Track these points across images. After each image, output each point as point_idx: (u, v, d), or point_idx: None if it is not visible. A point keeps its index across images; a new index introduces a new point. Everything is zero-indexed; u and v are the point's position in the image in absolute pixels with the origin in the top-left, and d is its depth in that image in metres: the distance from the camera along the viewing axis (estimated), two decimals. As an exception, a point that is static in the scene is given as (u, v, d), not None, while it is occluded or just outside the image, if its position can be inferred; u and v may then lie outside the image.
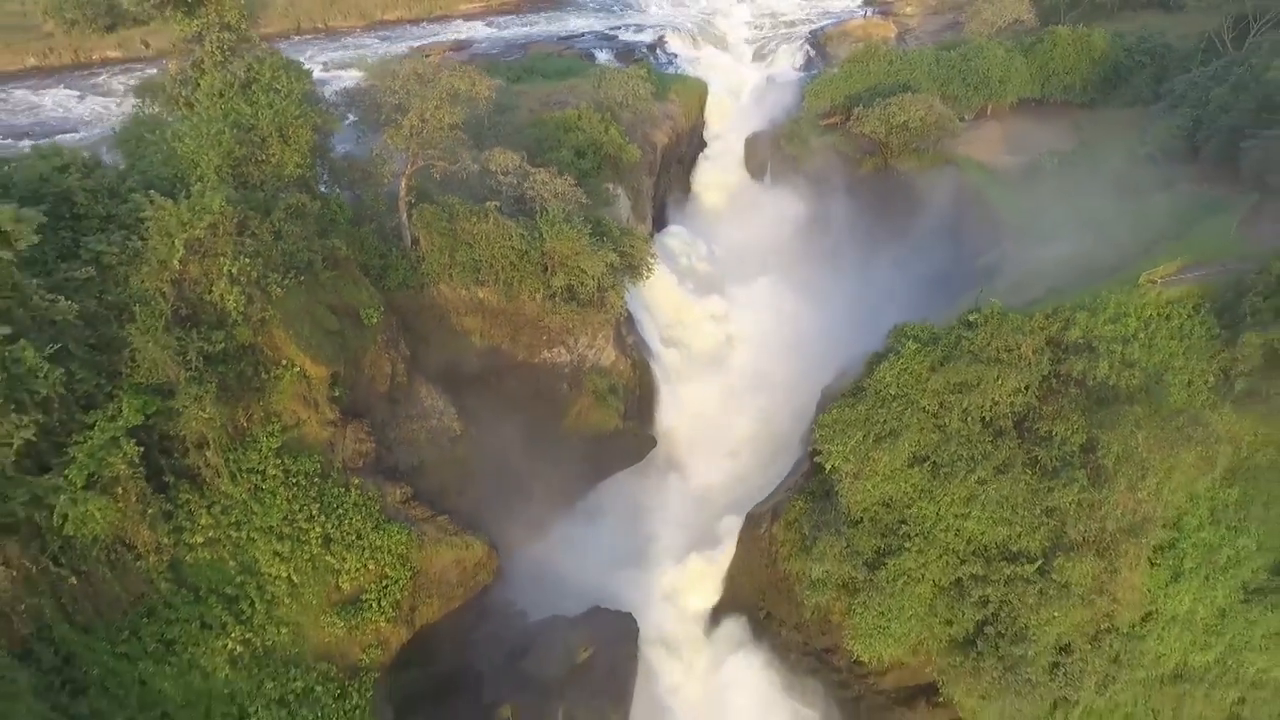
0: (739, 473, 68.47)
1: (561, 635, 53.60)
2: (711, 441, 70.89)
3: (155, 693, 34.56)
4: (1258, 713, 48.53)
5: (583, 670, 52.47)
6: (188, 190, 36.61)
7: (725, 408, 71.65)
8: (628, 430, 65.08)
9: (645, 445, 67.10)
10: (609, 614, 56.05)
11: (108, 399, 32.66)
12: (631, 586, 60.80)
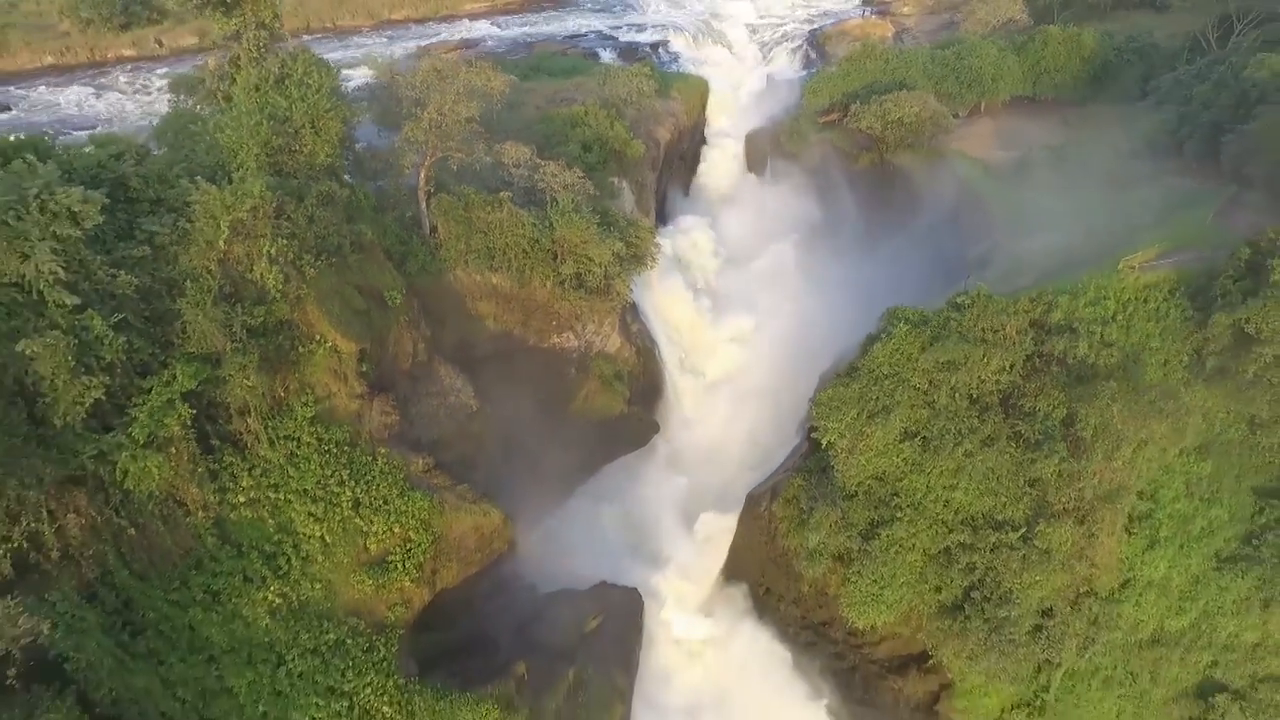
0: (740, 456, 71.75)
1: (570, 606, 56.80)
2: (713, 426, 73.94)
3: (203, 638, 38.23)
4: (1229, 674, 52.32)
5: (591, 638, 55.66)
6: (229, 177, 40.36)
7: (727, 393, 74.57)
8: (632, 415, 68.52)
9: (649, 430, 70.43)
10: (615, 589, 59.21)
11: (161, 366, 36.38)
12: (636, 564, 64.15)
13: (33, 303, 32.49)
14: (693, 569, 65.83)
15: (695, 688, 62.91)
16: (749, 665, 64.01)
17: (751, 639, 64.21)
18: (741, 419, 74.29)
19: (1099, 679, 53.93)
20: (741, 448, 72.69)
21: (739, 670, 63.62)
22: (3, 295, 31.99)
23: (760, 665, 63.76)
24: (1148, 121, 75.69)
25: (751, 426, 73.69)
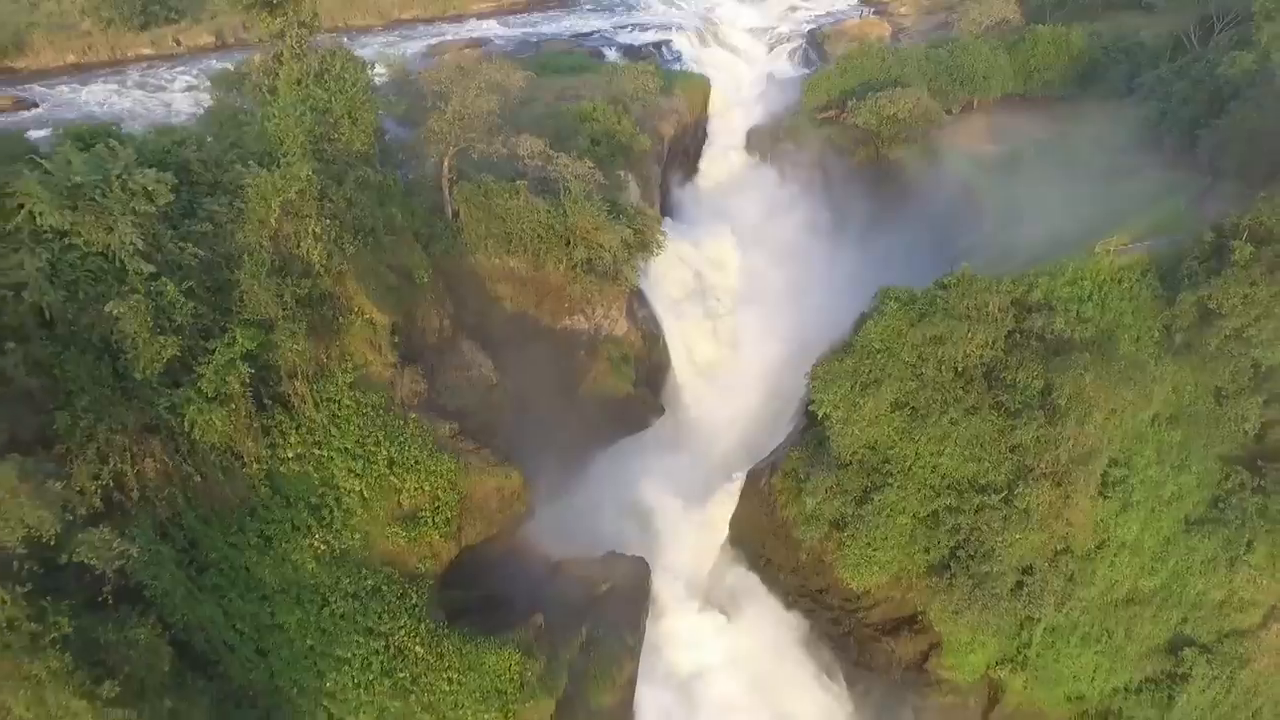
0: (743, 437, 76.75)
1: (582, 571, 61.71)
2: (716, 409, 79.14)
3: (257, 578, 43.49)
4: (1197, 630, 57.44)
5: (602, 600, 60.53)
6: (277, 162, 45.66)
7: (731, 377, 79.78)
8: (639, 397, 73.62)
9: (654, 412, 75.56)
10: (624, 558, 64.10)
11: (222, 331, 41.64)
12: (644, 536, 68.69)
13: (116, 270, 37.66)
14: (697, 541, 70.54)
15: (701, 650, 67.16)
16: (752, 632, 68.21)
17: (754, 607, 68.51)
18: (743, 401, 79.09)
19: (1077, 635, 58.64)
20: (743, 429, 77.50)
21: (743, 636, 67.96)
22: (91, 263, 37.08)
23: (763, 632, 68.05)
24: (1132, 117, 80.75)
25: (753, 408, 78.53)
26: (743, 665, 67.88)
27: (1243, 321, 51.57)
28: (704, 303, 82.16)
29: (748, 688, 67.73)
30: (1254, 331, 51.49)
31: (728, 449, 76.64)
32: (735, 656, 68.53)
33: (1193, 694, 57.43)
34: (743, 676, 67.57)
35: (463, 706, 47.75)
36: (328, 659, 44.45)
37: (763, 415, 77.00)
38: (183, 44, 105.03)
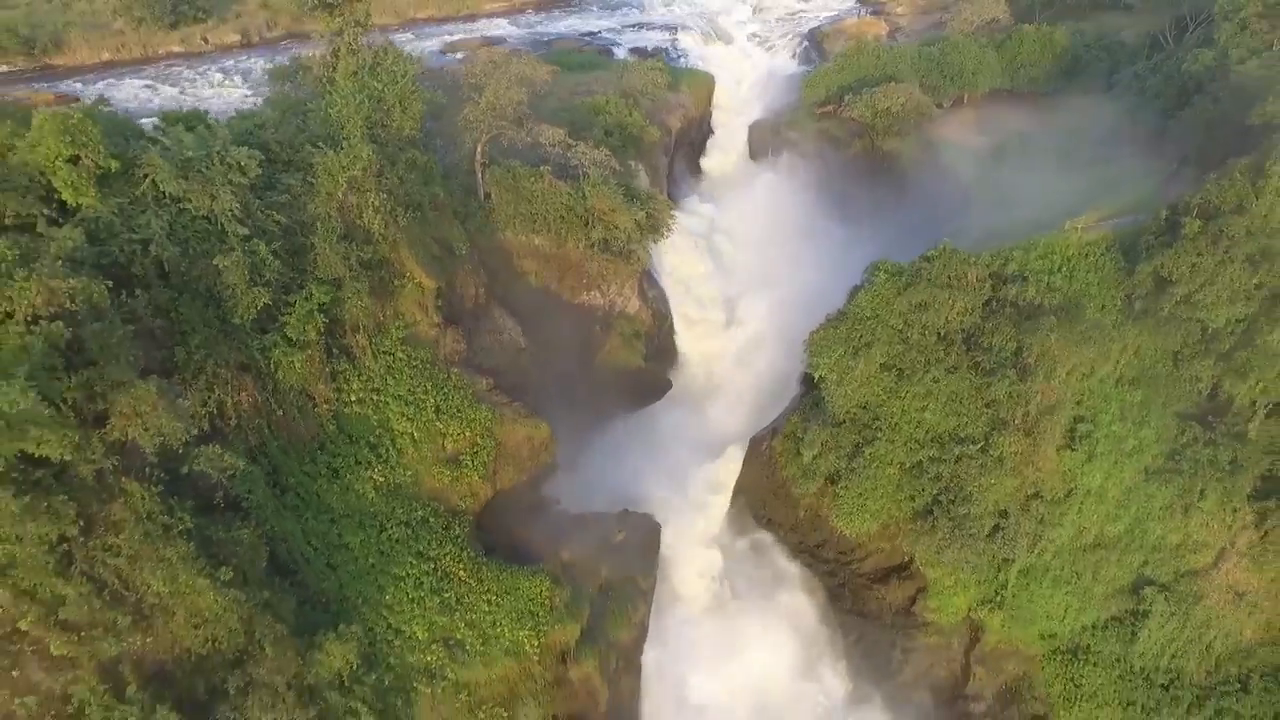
0: (745, 409, 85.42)
1: (599, 524, 69.91)
2: (722, 383, 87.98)
3: (327, 503, 52.32)
4: (1157, 571, 65.92)
5: (618, 549, 68.79)
6: (339, 144, 54.62)
7: (734, 355, 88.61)
8: (649, 371, 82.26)
9: (663, 386, 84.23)
10: (636, 515, 72.33)
11: (300, 287, 50.53)
12: (652, 497, 76.69)
13: (217, 232, 46.52)
14: (703, 504, 79.13)
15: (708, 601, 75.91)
16: (754, 584, 76.99)
17: (755, 562, 77.26)
18: (745, 376, 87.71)
19: (1049, 578, 67.13)
20: (746, 401, 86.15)
21: (745, 585, 76.76)
22: (198, 225, 45.94)
23: (763, 584, 76.82)
24: (1110, 110, 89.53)
25: (755, 383, 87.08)
26: (746, 617, 75.15)
27: (1191, 288, 60.21)
28: (709, 285, 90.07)
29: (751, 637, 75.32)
30: (1200, 296, 60.08)
31: (731, 420, 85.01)
32: (739, 609, 75.86)
33: (1153, 629, 65.55)
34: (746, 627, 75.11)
35: (500, 625, 56.22)
36: (386, 575, 53.08)
37: (764, 389, 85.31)
38: (210, 42, 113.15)
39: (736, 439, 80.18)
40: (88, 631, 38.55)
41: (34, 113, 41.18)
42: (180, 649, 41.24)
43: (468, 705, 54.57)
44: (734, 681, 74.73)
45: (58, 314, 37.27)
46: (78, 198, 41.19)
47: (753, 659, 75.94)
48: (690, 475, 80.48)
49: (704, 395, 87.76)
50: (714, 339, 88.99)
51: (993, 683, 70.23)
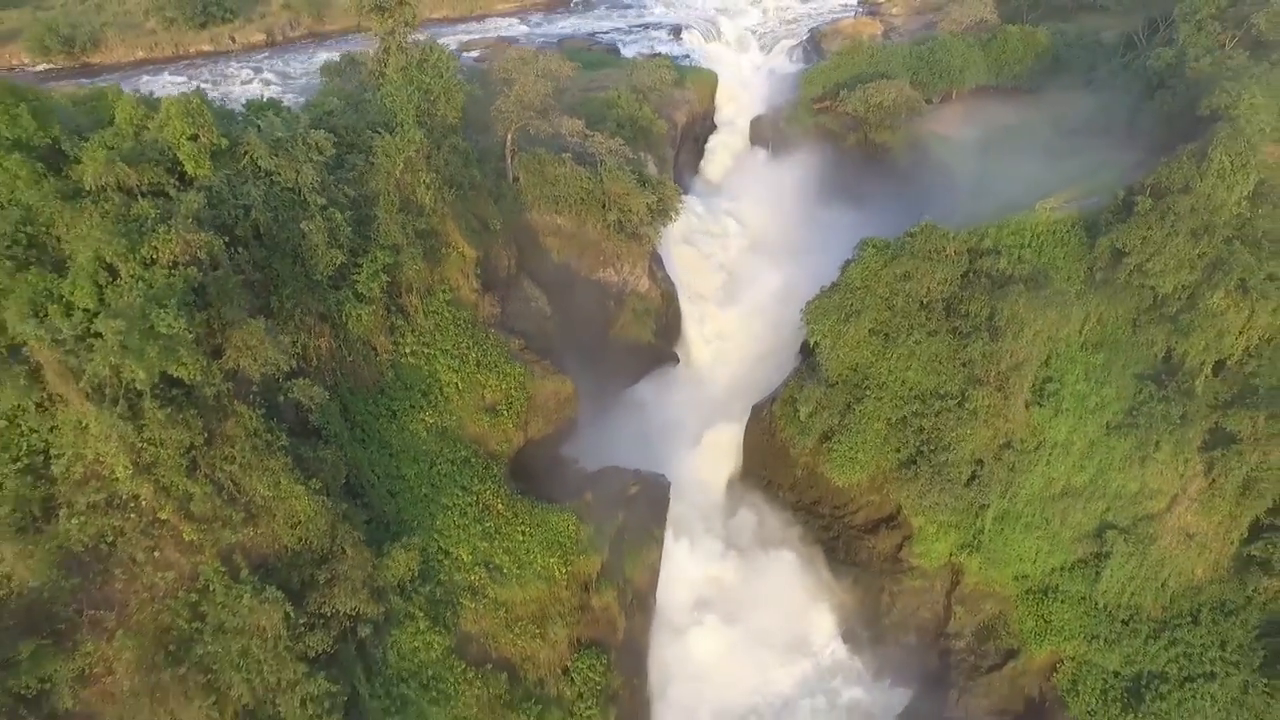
0: (747, 380, 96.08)
1: (614, 477, 79.99)
2: (726, 358, 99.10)
3: (387, 440, 63.23)
4: (1118, 516, 76.17)
5: (632, 500, 78.81)
6: (394, 130, 65.70)
7: (736, 331, 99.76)
8: (658, 345, 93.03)
9: (670, 360, 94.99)
10: (647, 474, 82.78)
11: (365, 251, 61.60)
12: (663, 460, 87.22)
13: (300, 201, 57.44)
14: (710, 466, 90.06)
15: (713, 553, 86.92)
16: (755, 539, 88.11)
17: (757, 519, 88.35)
18: (747, 351, 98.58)
19: (1021, 524, 77.56)
20: (747, 372, 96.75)
21: (747, 540, 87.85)
22: (285, 196, 56.83)
23: (763, 538, 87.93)
24: (1087, 104, 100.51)
25: (755, 357, 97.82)
26: (747, 569, 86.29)
27: (1142, 258, 71.19)
28: (713, 267, 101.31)
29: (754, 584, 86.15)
30: (1150, 265, 71.00)
31: (734, 391, 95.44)
32: (742, 559, 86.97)
33: (1114, 569, 75.68)
34: (750, 575, 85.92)
35: (532, 553, 67.00)
36: (436, 504, 63.96)
37: (765, 362, 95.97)
38: (237, 41, 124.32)
39: (739, 408, 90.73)
40: (210, 524, 49.32)
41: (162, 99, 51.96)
42: (280, 545, 52.02)
43: (505, 621, 64.99)
44: (736, 628, 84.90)
45: (190, 261, 48.09)
46: (196, 169, 52.05)
47: (753, 607, 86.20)
48: (697, 441, 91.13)
49: (708, 369, 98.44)
50: (717, 316, 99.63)
51: (971, 621, 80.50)
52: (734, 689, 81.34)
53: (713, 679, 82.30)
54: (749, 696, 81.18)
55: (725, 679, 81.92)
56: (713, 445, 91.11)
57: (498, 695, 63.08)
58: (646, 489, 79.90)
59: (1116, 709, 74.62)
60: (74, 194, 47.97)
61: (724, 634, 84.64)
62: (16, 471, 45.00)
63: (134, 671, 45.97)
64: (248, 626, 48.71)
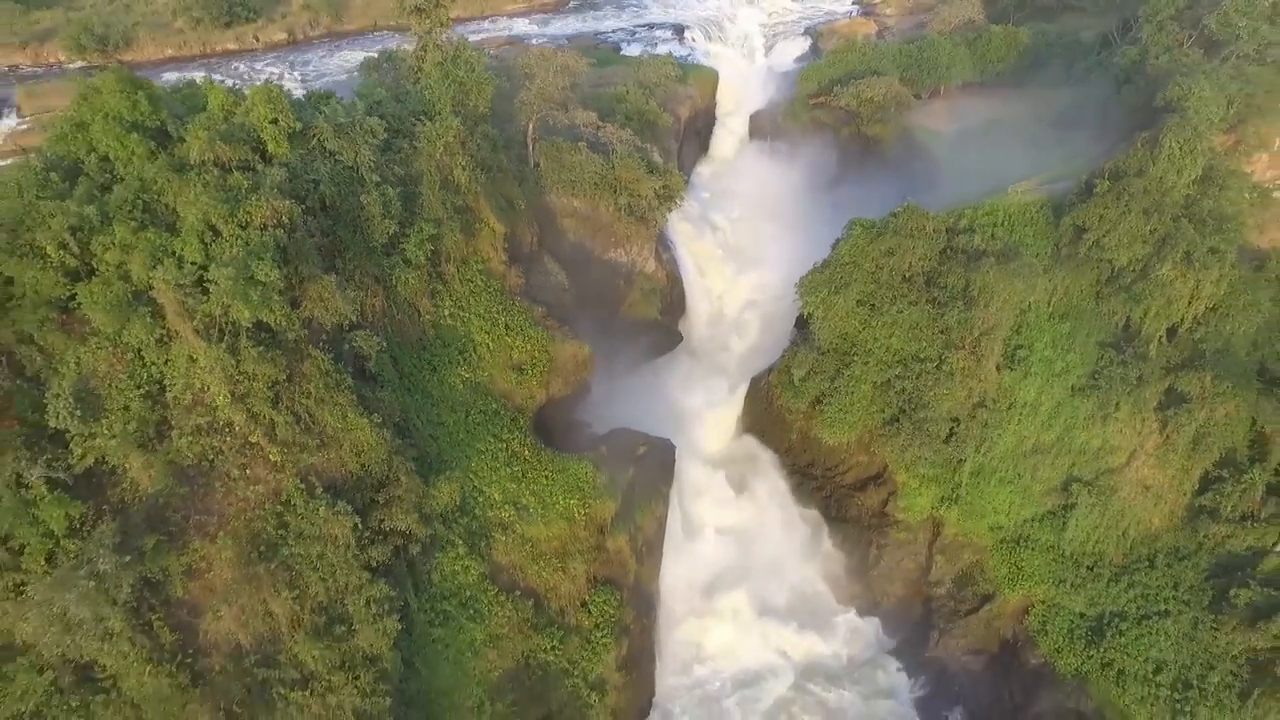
0: (746, 355, 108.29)
1: (625, 438, 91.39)
2: (727, 334, 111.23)
3: (429, 390, 75.06)
4: (1082, 470, 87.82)
5: (642, 459, 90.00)
6: (433, 118, 77.78)
7: (737, 309, 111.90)
8: (664, 323, 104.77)
9: (676, 338, 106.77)
10: (655, 437, 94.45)
11: (412, 224, 73.71)
12: (668, 428, 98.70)
13: (359, 178, 69.34)
14: (713, 434, 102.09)
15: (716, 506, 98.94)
16: (753, 500, 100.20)
17: (755, 481, 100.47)
18: (746, 328, 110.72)
19: (995, 479, 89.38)
20: (747, 348, 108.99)
21: (745, 502, 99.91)
22: (346, 173, 68.63)
23: (764, 497, 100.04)
24: (1064, 99, 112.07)
25: (754, 333, 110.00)
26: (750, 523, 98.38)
27: (1099, 234, 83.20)
28: (715, 251, 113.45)
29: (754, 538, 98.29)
30: (1107, 240, 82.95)
31: (734, 365, 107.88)
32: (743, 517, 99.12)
33: (1079, 519, 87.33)
34: (749, 531, 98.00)
35: (555, 495, 78.71)
36: (471, 448, 75.83)
37: (763, 339, 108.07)
38: (260, 40, 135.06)
39: (739, 380, 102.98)
40: (291, 448, 61.12)
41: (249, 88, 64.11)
42: (346, 470, 63.93)
43: (531, 554, 76.75)
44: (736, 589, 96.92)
45: (275, 225, 60.10)
46: (276, 148, 63.95)
47: (754, 560, 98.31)
48: (700, 410, 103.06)
49: (710, 344, 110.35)
50: (720, 296, 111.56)
51: (951, 569, 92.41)
52: (736, 633, 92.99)
53: (715, 626, 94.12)
54: (749, 637, 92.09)
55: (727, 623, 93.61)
56: (715, 415, 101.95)
57: (525, 619, 74.49)
58: (655, 450, 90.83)
59: (1081, 645, 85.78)
60: (180, 168, 59.54)
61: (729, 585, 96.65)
62: (140, 396, 56.42)
63: (232, 567, 57.56)
64: (323, 535, 60.31)
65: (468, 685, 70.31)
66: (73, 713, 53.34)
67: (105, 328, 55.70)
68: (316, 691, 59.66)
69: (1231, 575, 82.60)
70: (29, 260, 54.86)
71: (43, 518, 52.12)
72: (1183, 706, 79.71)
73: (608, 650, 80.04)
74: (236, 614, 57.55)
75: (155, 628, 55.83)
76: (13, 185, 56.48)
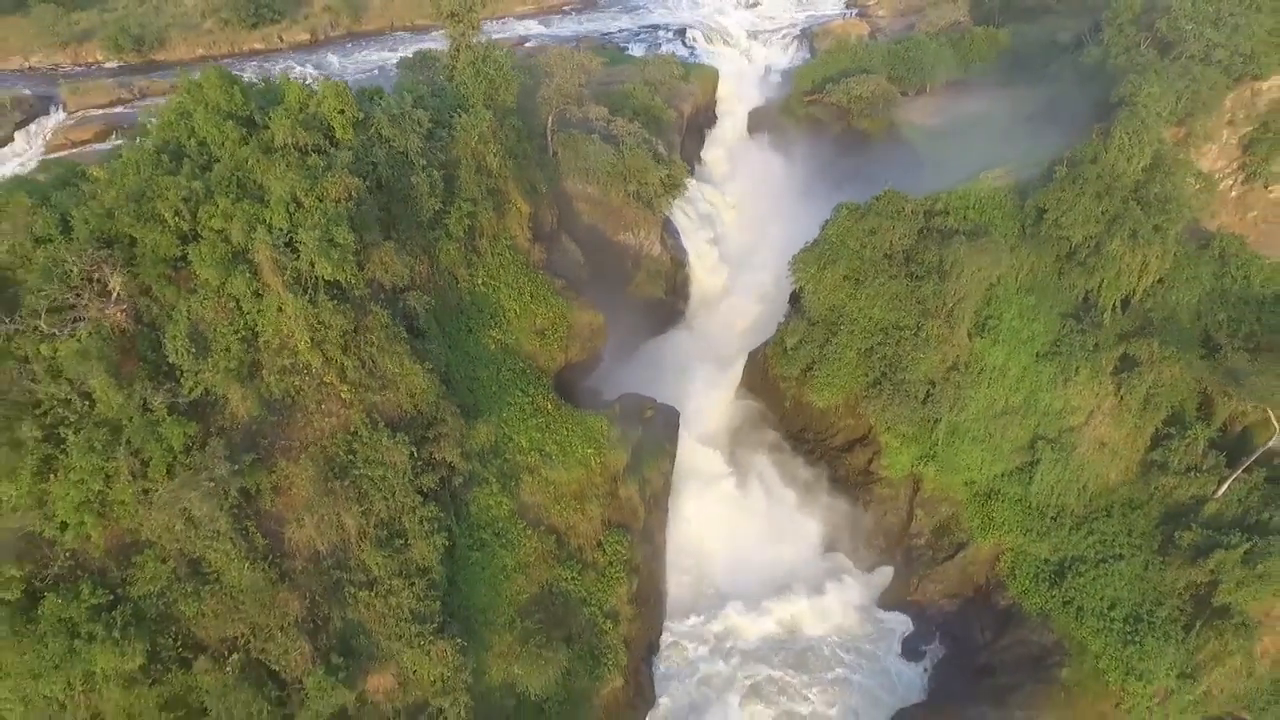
0: (745, 332, 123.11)
1: (633, 401, 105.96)
2: (726, 313, 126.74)
3: (465, 348, 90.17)
4: (1046, 429, 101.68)
5: (649, 421, 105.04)
6: (468, 111, 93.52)
7: (736, 290, 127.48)
8: (668, 302, 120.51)
9: (679, 317, 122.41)
10: (661, 404, 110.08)
11: (451, 202, 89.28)
12: (672, 397, 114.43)
13: (409, 161, 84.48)
14: (714, 404, 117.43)
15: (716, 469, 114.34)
16: (750, 462, 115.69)
17: (752, 446, 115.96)
18: (745, 307, 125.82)
19: (969, 437, 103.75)
20: (746, 326, 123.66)
21: (747, 462, 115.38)
22: (398, 158, 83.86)
23: (761, 459, 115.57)
24: (1041, 96, 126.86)
25: (753, 312, 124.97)
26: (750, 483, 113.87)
27: (1058, 214, 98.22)
28: (715, 236, 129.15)
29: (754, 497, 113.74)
30: (1064, 220, 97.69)
31: (733, 341, 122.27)
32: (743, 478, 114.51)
33: (1043, 473, 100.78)
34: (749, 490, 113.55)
35: (574, 444, 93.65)
36: (502, 400, 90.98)
37: (760, 317, 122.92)
38: (284, 40, 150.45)
39: (737, 355, 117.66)
40: (358, 388, 76.15)
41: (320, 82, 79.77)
42: (402, 409, 79.10)
43: (554, 495, 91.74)
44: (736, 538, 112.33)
45: (346, 199, 75.56)
46: (343, 135, 79.20)
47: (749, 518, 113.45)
48: (701, 382, 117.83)
49: (711, 323, 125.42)
50: (720, 277, 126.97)
51: (929, 522, 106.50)
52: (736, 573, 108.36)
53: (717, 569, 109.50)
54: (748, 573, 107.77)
55: (729, 567, 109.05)
56: (716, 386, 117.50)
57: (549, 551, 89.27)
58: (661, 414, 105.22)
59: (1045, 587, 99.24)
60: (267, 150, 74.97)
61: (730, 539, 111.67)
62: (238, 339, 71.30)
63: (312, 484, 72.71)
64: (384, 460, 75.37)
65: (500, 604, 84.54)
66: (188, 596, 67.59)
67: (211, 281, 70.16)
68: (380, 593, 74.00)
69: (1178, 521, 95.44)
70: (150, 225, 69.41)
71: (165, 435, 66.61)
72: (1133, 637, 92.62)
73: (620, 585, 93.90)
74: (315, 523, 72.12)
75: (250, 532, 70.29)
76: (132, 164, 71.17)
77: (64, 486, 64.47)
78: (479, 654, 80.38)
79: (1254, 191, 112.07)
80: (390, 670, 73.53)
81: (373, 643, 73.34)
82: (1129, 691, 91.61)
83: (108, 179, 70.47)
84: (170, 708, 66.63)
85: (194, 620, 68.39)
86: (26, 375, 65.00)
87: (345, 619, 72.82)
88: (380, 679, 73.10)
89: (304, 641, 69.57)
